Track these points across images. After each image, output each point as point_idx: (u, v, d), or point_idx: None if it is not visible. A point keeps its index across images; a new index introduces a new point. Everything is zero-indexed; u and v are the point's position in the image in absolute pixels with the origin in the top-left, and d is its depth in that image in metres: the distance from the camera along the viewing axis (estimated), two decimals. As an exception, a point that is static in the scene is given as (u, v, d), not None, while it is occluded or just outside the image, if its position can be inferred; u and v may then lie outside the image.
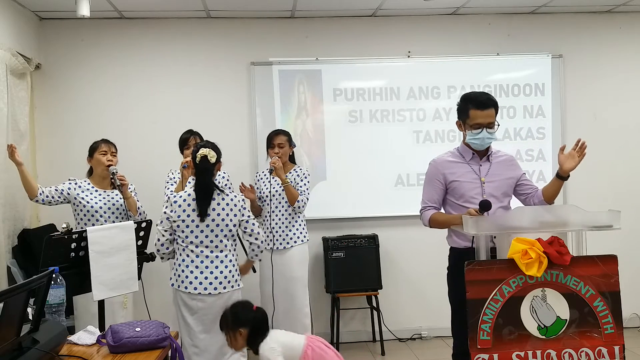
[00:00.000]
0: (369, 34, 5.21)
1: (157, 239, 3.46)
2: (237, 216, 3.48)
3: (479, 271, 2.75)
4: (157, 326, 2.56)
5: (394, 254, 5.23)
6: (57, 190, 4.04)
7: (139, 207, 4.15)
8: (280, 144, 4.40)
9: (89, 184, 4.13)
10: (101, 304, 3.24)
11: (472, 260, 2.83)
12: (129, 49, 5.04)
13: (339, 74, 5.17)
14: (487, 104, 3.15)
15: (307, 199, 4.39)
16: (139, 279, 3.40)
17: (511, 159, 3.36)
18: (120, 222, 3.97)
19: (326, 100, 5.17)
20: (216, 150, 3.50)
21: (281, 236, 4.40)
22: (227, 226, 3.44)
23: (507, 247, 2.79)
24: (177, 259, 3.46)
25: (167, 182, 4.32)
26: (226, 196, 3.48)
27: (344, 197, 5.12)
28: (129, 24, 5.04)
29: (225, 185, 4.30)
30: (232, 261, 3.48)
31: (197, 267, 3.40)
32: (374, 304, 5.02)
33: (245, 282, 3.63)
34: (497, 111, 3.19)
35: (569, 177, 3.17)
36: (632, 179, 5.37)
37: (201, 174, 3.44)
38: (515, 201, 3.32)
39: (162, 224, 3.45)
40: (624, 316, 2.85)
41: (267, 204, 4.43)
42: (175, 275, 3.46)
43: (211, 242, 3.42)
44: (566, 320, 2.75)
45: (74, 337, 2.61)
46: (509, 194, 3.28)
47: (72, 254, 3.14)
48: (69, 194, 4.05)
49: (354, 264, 4.92)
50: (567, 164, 3.12)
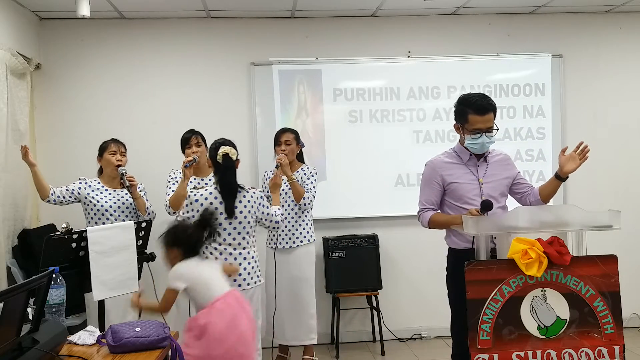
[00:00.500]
0: (369, 34, 5.21)
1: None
2: (257, 212, 3.54)
3: (479, 271, 2.75)
4: (157, 326, 2.56)
5: (394, 254, 5.23)
6: (67, 190, 4.08)
7: (148, 207, 4.17)
8: (287, 141, 4.41)
9: (99, 183, 4.16)
10: (101, 303, 3.24)
11: (472, 260, 2.83)
12: (129, 49, 5.04)
13: (339, 74, 5.17)
14: (486, 108, 3.12)
15: (314, 196, 4.37)
16: (139, 279, 3.40)
17: (506, 158, 3.36)
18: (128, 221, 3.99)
19: (326, 100, 5.17)
20: (235, 147, 3.54)
21: (287, 235, 4.40)
22: (249, 223, 3.49)
23: (507, 247, 2.80)
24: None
25: (169, 182, 4.32)
26: (247, 193, 3.52)
27: (344, 197, 5.12)
28: (129, 24, 5.04)
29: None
30: (254, 257, 3.54)
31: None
32: (374, 304, 5.01)
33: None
34: (495, 114, 3.17)
35: (568, 178, 3.17)
36: (632, 179, 5.37)
37: (225, 172, 3.47)
38: (510, 200, 3.32)
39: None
40: (624, 316, 2.85)
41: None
42: None
43: (234, 239, 3.46)
44: (566, 320, 2.76)
45: (74, 337, 2.61)
46: (506, 193, 3.28)
47: (72, 254, 3.14)
48: (79, 194, 4.09)
49: (354, 264, 4.92)
50: (568, 166, 3.12)
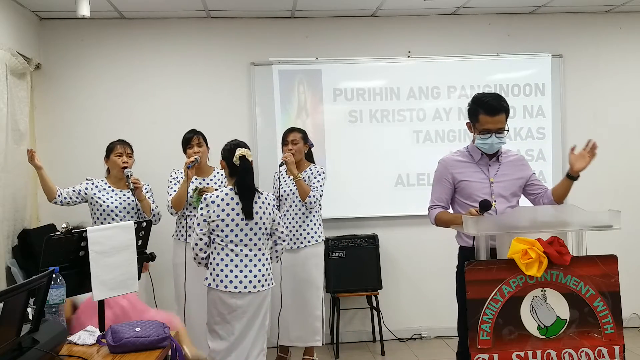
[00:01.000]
0: (369, 34, 5.21)
1: (195, 243, 3.45)
2: (271, 214, 3.56)
3: (479, 271, 2.75)
4: (157, 326, 2.56)
5: (394, 254, 5.23)
6: (74, 190, 4.12)
7: (153, 209, 4.18)
8: (294, 140, 4.40)
9: (105, 183, 4.20)
10: (101, 303, 3.24)
11: (472, 260, 2.83)
12: (129, 49, 5.04)
13: (339, 74, 5.17)
14: (497, 109, 3.12)
15: (321, 195, 4.34)
16: (139, 279, 3.40)
17: (521, 159, 3.36)
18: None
19: (326, 100, 5.17)
20: (249, 148, 3.55)
21: (294, 235, 4.39)
22: (265, 224, 3.51)
23: (507, 247, 2.79)
24: (215, 259, 3.46)
25: (170, 182, 4.32)
26: (262, 194, 3.54)
27: (344, 197, 5.11)
28: (129, 24, 5.04)
29: (222, 183, 4.30)
30: (268, 259, 3.56)
31: (236, 265, 3.42)
32: (374, 304, 5.01)
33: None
34: (507, 116, 3.17)
35: (579, 177, 3.17)
36: (632, 179, 5.37)
37: (244, 174, 3.46)
38: (524, 201, 3.32)
39: (200, 227, 3.44)
40: (624, 316, 2.85)
41: (283, 203, 4.43)
42: (213, 274, 3.45)
43: (250, 240, 3.46)
44: (566, 320, 2.76)
45: (74, 337, 2.61)
46: (518, 194, 3.27)
47: (72, 254, 3.14)
48: (86, 194, 4.13)
49: (354, 264, 4.92)
50: (578, 164, 3.13)
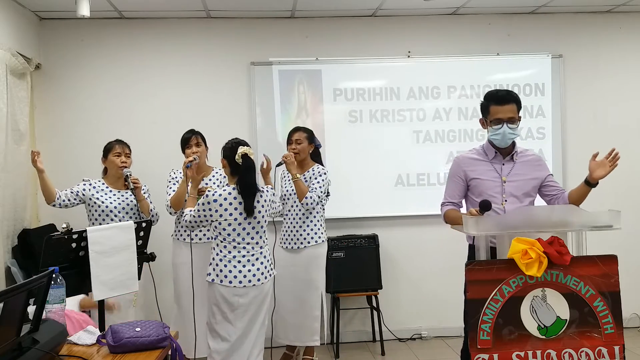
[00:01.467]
0: (369, 34, 5.21)
1: (186, 219, 3.58)
2: (270, 209, 3.65)
3: (479, 271, 2.75)
4: (157, 326, 2.56)
5: (394, 254, 5.23)
6: (72, 192, 4.10)
7: (151, 209, 4.17)
8: (297, 140, 4.39)
9: (103, 184, 4.18)
10: (101, 304, 3.24)
11: (472, 260, 2.83)
12: (129, 49, 5.04)
13: (339, 74, 5.17)
14: (506, 98, 3.17)
15: (319, 197, 4.30)
16: (139, 279, 3.40)
17: (538, 159, 3.35)
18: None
19: (326, 100, 5.17)
20: (250, 146, 3.58)
21: (295, 236, 4.39)
22: (264, 219, 3.58)
23: (507, 247, 2.79)
24: (217, 255, 3.50)
25: (169, 182, 4.32)
26: (262, 191, 3.59)
27: (344, 197, 5.10)
28: (129, 24, 5.04)
29: (221, 183, 4.30)
30: (269, 252, 3.65)
31: (239, 261, 3.47)
32: (374, 304, 5.01)
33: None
34: (519, 107, 3.20)
35: (597, 184, 3.15)
36: (632, 179, 5.36)
37: (246, 173, 3.49)
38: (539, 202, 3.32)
39: (195, 215, 3.53)
40: (624, 316, 2.85)
41: (285, 202, 4.45)
42: (215, 270, 3.49)
43: (251, 237, 3.52)
44: (566, 320, 2.75)
45: (74, 337, 2.61)
46: (532, 194, 3.26)
47: (72, 254, 3.14)
48: (84, 195, 4.11)
49: (354, 264, 4.92)
50: (598, 172, 3.10)
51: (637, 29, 5.40)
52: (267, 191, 3.63)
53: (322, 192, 4.35)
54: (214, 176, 4.37)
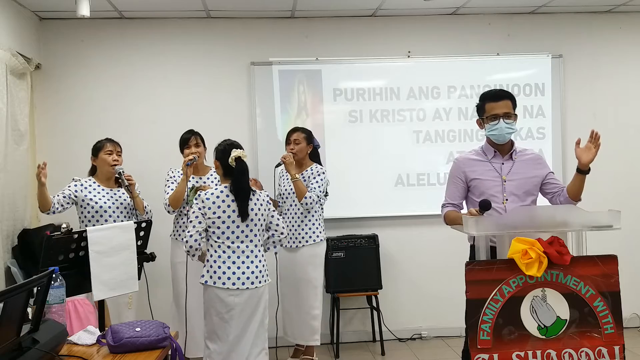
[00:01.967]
0: (369, 34, 5.21)
1: (190, 234, 3.42)
2: (266, 212, 3.59)
3: (479, 271, 2.75)
4: (157, 326, 2.56)
5: (394, 254, 5.23)
6: (65, 196, 4.02)
7: (145, 206, 4.16)
8: (296, 140, 4.41)
9: (94, 182, 4.13)
10: (101, 303, 3.24)
11: (472, 260, 2.83)
12: (129, 49, 5.04)
13: (339, 74, 5.17)
14: (500, 94, 3.22)
15: (317, 196, 4.32)
16: (139, 279, 3.40)
17: (537, 157, 3.36)
18: (127, 220, 3.99)
19: (326, 100, 5.17)
20: (243, 148, 3.55)
21: (293, 235, 4.40)
22: (260, 221, 3.53)
23: (507, 247, 2.79)
24: (212, 256, 3.46)
25: (168, 181, 4.32)
26: (255, 193, 3.55)
27: (344, 197, 5.11)
28: (129, 24, 5.04)
29: (219, 182, 4.30)
30: (263, 255, 3.58)
31: (234, 262, 3.43)
32: (374, 304, 5.02)
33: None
34: (514, 104, 3.22)
35: (590, 170, 3.16)
36: (632, 179, 5.37)
37: (239, 176, 3.47)
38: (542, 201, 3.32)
39: (194, 222, 3.44)
40: (624, 316, 2.85)
41: (283, 202, 4.46)
42: (209, 272, 3.45)
43: (246, 237, 3.48)
44: (566, 320, 2.75)
45: (74, 337, 2.61)
46: (533, 192, 3.26)
47: (72, 254, 3.14)
48: (76, 196, 4.06)
49: (354, 264, 4.92)
50: (585, 156, 3.13)
51: (637, 29, 5.40)
52: (260, 195, 3.58)
53: (320, 191, 4.37)
54: (211, 175, 4.37)
